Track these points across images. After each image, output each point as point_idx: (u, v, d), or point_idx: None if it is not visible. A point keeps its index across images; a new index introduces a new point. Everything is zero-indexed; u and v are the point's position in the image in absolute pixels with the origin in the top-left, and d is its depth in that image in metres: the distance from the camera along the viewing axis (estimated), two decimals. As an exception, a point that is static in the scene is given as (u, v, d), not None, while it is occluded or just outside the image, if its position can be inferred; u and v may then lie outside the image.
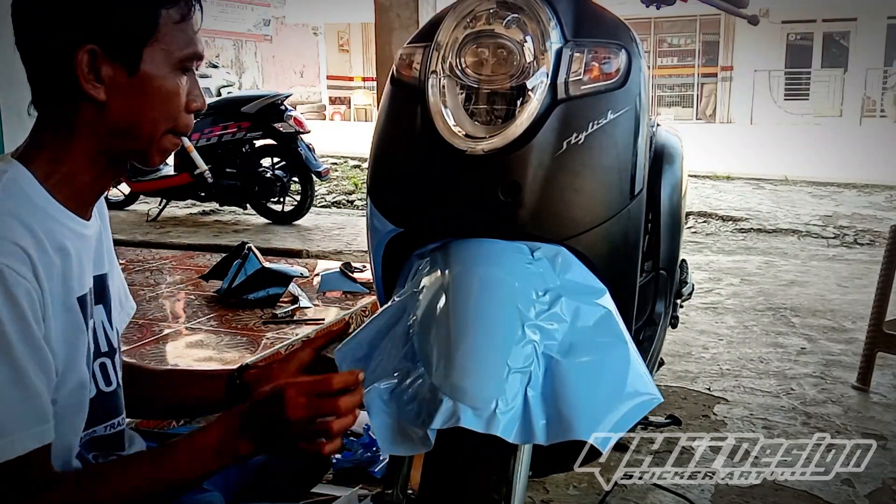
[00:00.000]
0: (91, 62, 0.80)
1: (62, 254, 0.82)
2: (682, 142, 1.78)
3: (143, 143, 0.86)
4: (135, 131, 0.84)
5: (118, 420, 0.96)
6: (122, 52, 0.81)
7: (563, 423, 0.77)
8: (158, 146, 0.87)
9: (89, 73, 0.81)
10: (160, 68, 0.83)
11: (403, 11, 3.83)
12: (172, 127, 0.86)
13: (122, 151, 0.86)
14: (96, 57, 0.81)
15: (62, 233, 0.83)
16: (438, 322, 0.87)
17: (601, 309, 0.90)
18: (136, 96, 0.83)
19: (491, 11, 1.00)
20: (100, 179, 0.87)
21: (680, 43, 18.26)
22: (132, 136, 0.85)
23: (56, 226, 0.82)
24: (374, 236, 1.14)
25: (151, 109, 0.84)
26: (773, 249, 5.08)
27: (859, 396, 2.46)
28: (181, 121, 0.87)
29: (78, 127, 0.83)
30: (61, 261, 0.82)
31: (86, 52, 0.80)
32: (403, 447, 0.80)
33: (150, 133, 0.85)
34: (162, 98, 0.84)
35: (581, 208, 1.01)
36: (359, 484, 1.82)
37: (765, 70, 16.56)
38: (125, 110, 0.83)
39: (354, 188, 7.38)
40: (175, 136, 0.88)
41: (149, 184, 5.42)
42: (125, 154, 0.87)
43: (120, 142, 0.85)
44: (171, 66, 0.84)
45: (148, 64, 0.82)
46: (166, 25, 0.83)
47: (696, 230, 5.68)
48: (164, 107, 0.85)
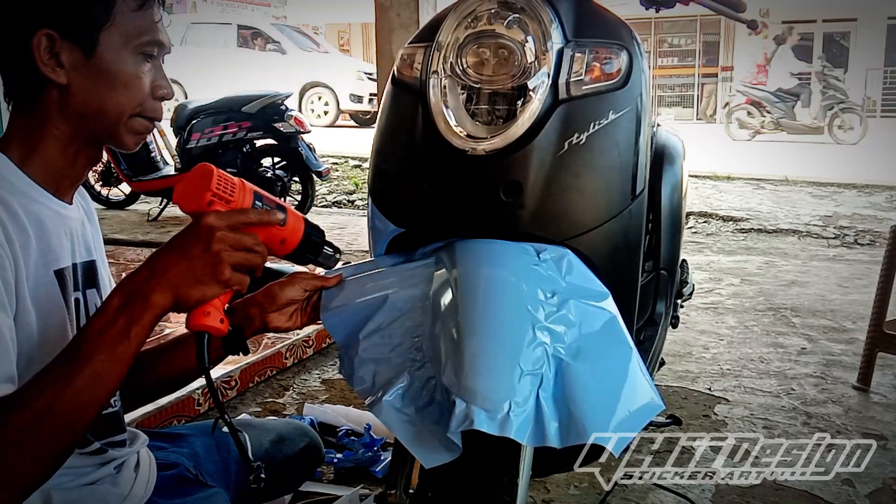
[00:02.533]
0: (49, 46, 0.83)
1: (38, 227, 0.84)
2: (682, 142, 1.78)
3: (110, 125, 0.87)
4: (100, 114, 0.86)
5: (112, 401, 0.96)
6: (78, 36, 0.83)
7: (575, 426, 0.77)
8: (128, 127, 0.88)
9: (49, 58, 0.83)
10: (118, 52, 0.85)
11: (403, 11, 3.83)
12: (140, 111, 0.88)
13: (92, 133, 0.88)
14: (54, 41, 0.83)
15: (38, 209, 0.85)
16: (446, 322, 0.86)
17: (606, 313, 0.90)
18: (96, 79, 0.85)
19: (492, 12, 1.00)
20: (76, 162, 0.89)
21: (680, 43, 18.25)
22: (98, 119, 0.86)
23: (32, 203, 0.84)
24: (376, 236, 1.14)
25: (113, 92, 0.86)
26: (773, 250, 5.08)
27: (859, 396, 2.46)
28: (147, 105, 0.89)
29: (47, 112, 0.85)
30: (36, 233, 0.84)
31: (42, 35, 0.82)
32: (440, 455, 0.78)
33: (117, 115, 0.87)
34: (122, 81, 0.86)
35: (582, 209, 1.01)
36: (360, 484, 1.82)
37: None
38: (87, 93, 0.85)
39: (355, 188, 7.38)
40: (145, 119, 0.89)
41: (149, 183, 5.42)
42: (96, 136, 0.89)
43: (88, 124, 0.87)
44: (130, 50, 0.86)
45: (105, 47, 0.85)
46: (122, 12, 0.85)
47: (696, 230, 5.68)
48: (126, 90, 0.86)
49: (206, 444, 1.16)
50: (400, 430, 0.80)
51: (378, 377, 0.86)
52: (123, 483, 0.96)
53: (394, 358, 0.88)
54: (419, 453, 0.78)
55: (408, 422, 0.80)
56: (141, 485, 0.99)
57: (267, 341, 2.60)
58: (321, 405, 2.27)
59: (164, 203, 5.61)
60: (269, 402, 2.38)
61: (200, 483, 1.06)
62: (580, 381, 0.80)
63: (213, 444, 1.16)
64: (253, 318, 0.98)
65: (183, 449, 1.13)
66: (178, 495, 1.02)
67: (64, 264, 0.88)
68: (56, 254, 0.87)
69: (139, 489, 0.98)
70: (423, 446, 0.79)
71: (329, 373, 2.63)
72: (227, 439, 1.18)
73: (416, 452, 0.79)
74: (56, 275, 0.87)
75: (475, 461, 0.87)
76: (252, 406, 2.35)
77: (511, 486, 0.87)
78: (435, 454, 0.78)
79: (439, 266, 0.96)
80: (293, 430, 1.30)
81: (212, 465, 1.14)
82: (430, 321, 0.88)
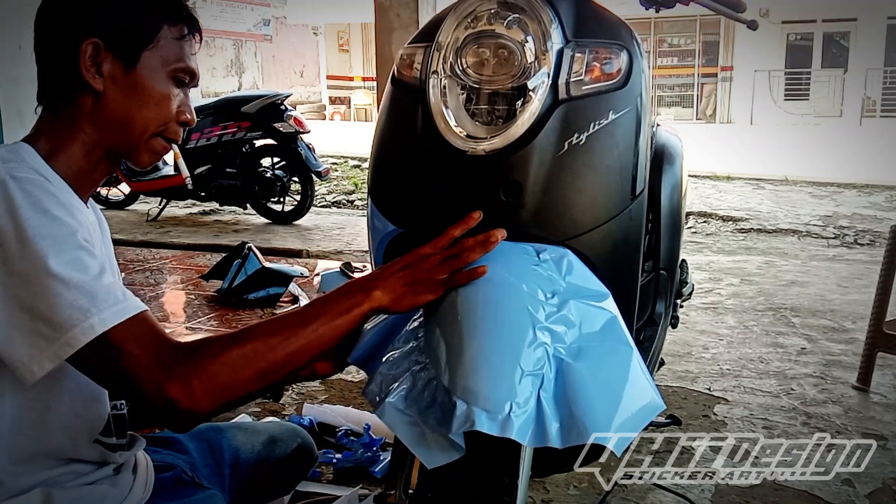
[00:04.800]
0: (94, 54, 0.89)
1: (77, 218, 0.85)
2: (682, 142, 1.78)
3: (134, 139, 0.93)
4: (127, 126, 0.92)
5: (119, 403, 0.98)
6: (123, 50, 0.90)
7: (576, 427, 0.77)
8: (148, 145, 0.94)
9: (91, 65, 0.89)
10: (155, 72, 0.92)
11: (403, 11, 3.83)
12: (163, 131, 0.94)
13: (114, 144, 0.92)
14: (99, 50, 0.89)
15: (72, 201, 0.87)
16: (446, 322, 0.86)
17: (607, 314, 0.90)
18: (130, 93, 0.91)
19: (492, 12, 1.00)
20: (95, 169, 0.93)
21: (680, 43, 18.26)
22: (125, 131, 0.92)
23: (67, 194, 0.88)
24: (375, 236, 1.14)
25: (143, 107, 0.92)
26: (773, 249, 5.08)
27: (859, 396, 2.46)
28: (171, 127, 0.95)
29: (78, 115, 0.91)
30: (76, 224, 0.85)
31: (90, 43, 0.89)
32: (443, 455, 0.78)
33: (142, 130, 0.92)
34: (154, 99, 0.92)
35: (582, 209, 1.01)
36: (359, 484, 1.82)
37: (765, 70, 16.56)
38: (120, 104, 0.91)
39: (354, 188, 7.38)
40: (165, 140, 0.96)
41: (149, 183, 5.43)
42: (118, 147, 0.93)
43: (114, 135, 0.92)
44: (165, 73, 0.93)
45: (144, 66, 0.91)
46: (165, 38, 0.92)
47: (696, 230, 5.69)
48: (156, 108, 0.92)
49: (200, 448, 1.16)
50: (403, 431, 0.80)
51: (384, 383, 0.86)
52: (122, 484, 0.96)
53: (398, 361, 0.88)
54: (422, 454, 0.78)
55: (410, 423, 0.80)
56: (139, 486, 0.99)
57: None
58: (320, 405, 2.27)
59: (163, 203, 5.61)
60: (268, 403, 2.38)
61: (197, 485, 1.07)
62: (581, 382, 0.80)
63: (206, 447, 1.17)
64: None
65: (178, 453, 1.13)
66: (176, 497, 1.02)
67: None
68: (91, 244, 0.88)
69: (138, 490, 0.99)
70: (426, 447, 0.78)
71: (329, 373, 2.62)
72: (220, 443, 1.19)
73: (419, 454, 0.79)
74: None
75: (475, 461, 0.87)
76: (252, 406, 2.34)
77: (511, 486, 0.87)
78: (437, 455, 0.78)
79: None
80: (285, 431, 1.30)
81: (206, 469, 1.14)
82: (431, 322, 0.88)
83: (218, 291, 3.00)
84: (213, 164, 5.34)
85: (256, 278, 2.97)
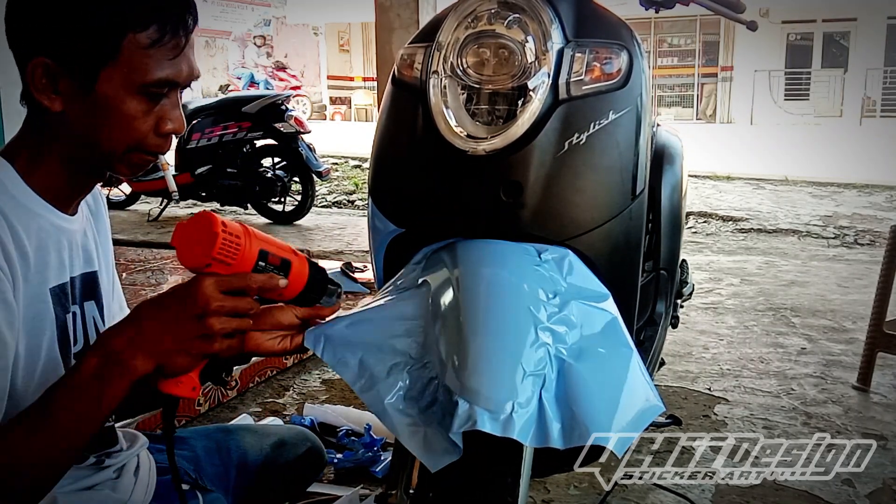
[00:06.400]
0: (45, 74, 0.79)
1: (38, 243, 0.83)
2: (682, 142, 1.78)
3: (104, 157, 0.84)
4: (96, 145, 0.83)
5: None
6: (75, 70, 0.79)
7: (578, 427, 0.77)
8: (125, 160, 0.84)
9: (46, 85, 0.79)
10: (117, 91, 0.80)
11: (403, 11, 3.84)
12: (137, 147, 0.83)
13: (90, 160, 0.85)
14: (50, 70, 0.79)
15: (39, 225, 0.84)
16: (448, 323, 0.86)
17: (607, 315, 0.90)
18: (91, 114, 0.81)
19: (492, 12, 1.00)
20: (77, 180, 0.87)
21: (680, 43, 18.25)
22: (94, 149, 0.83)
23: (33, 218, 0.83)
24: (376, 236, 1.13)
25: (107, 128, 0.81)
26: (773, 249, 5.08)
27: (859, 396, 2.46)
28: (148, 141, 0.84)
29: (48, 131, 0.83)
30: (35, 250, 0.83)
31: (39, 64, 0.79)
32: (443, 456, 0.77)
33: (109, 150, 0.83)
34: (118, 120, 0.81)
35: (583, 209, 1.01)
36: (360, 484, 1.82)
37: (765, 70, 16.55)
38: (82, 124, 0.81)
39: (355, 188, 7.38)
40: (145, 153, 0.85)
41: (150, 184, 5.42)
42: (93, 163, 0.85)
43: (85, 151, 0.84)
44: (131, 90, 0.80)
45: (104, 85, 0.79)
46: (130, 49, 0.79)
47: (696, 230, 5.69)
48: (121, 128, 0.81)
49: (207, 448, 1.15)
50: (404, 433, 0.80)
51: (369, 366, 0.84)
52: (123, 488, 0.96)
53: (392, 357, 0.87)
54: (424, 457, 0.78)
55: (411, 424, 0.80)
56: (141, 490, 0.99)
57: (267, 341, 2.60)
58: (321, 405, 2.27)
59: (164, 203, 5.61)
60: (269, 403, 2.38)
61: (200, 488, 1.06)
62: (582, 382, 0.80)
63: (213, 447, 1.16)
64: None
65: (183, 452, 1.12)
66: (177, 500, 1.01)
67: (61, 280, 0.87)
68: (54, 271, 0.86)
69: (139, 494, 0.98)
70: (427, 450, 0.78)
71: (329, 373, 2.63)
72: (227, 443, 1.17)
73: (421, 456, 0.78)
74: (51, 292, 0.85)
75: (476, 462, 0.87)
76: (252, 406, 2.34)
77: (514, 486, 0.87)
78: (439, 457, 0.78)
79: (439, 267, 0.96)
80: (294, 434, 1.28)
81: (211, 469, 1.13)
82: (432, 321, 0.88)
83: (218, 291, 3.01)
84: (213, 165, 5.34)
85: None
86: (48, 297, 0.85)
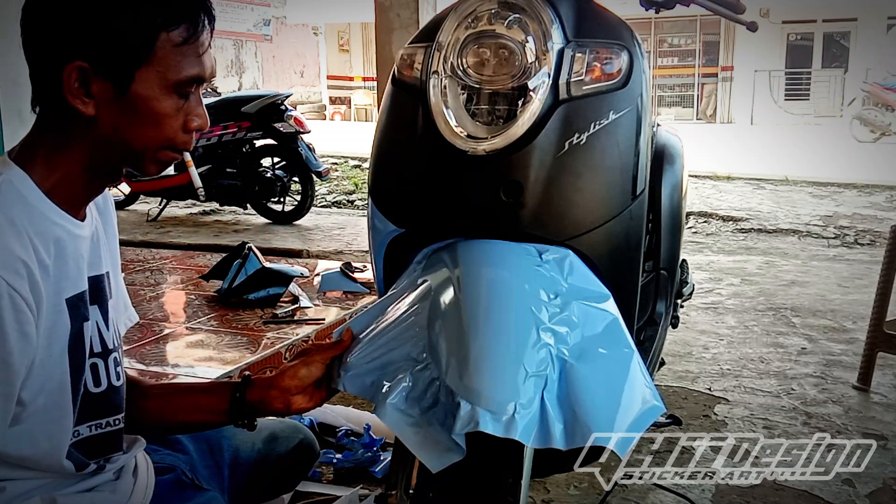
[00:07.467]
0: (80, 78, 0.80)
1: (58, 254, 0.83)
2: (682, 142, 1.78)
3: (135, 157, 0.86)
4: (125, 147, 0.84)
5: (107, 420, 0.94)
6: (112, 72, 0.81)
7: (580, 428, 0.77)
8: (153, 159, 0.87)
9: (78, 89, 0.80)
10: (152, 90, 0.82)
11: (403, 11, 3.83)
12: (167, 144, 0.86)
13: (115, 161, 0.86)
14: (86, 73, 0.80)
15: (57, 235, 0.83)
16: (449, 323, 0.86)
17: (608, 315, 0.90)
18: (125, 115, 0.82)
19: (492, 12, 1.00)
20: (94, 183, 0.88)
21: (680, 43, 18.25)
22: (124, 150, 0.85)
23: (52, 227, 0.83)
24: (376, 236, 1.13)
25: (141, 128, 0.83)
26: (773, 249, 5.08)
27: (860, 396, 2.46)
28: (178, 139, 0.86)
29: (72, 135, 0.83)
30: (55, 262, 0.82)
31: (75, 68, 0.80)
32: (445, 457, 0.78)
33: (142, 149, 0.85)
34: (152, 119, 0.83)
35: (583, 209, 1.01)
36: (359, 484, 1.82)
37: (765, 70, 16.56)
38: (115, 126, 0.83)
39: (355, 188, 7.38)
40: (174, 151, 0.87)
41: (149, 184, 5.42)
42: (119, 164, 0.87)
43: (113, 153, 0.85)
44: (166, 88, 0.83)
45: (140, 85, 0.82)
46: (164, 48, 0.81)
47: (696, 230, 5.68)
48: (155, 127, 0.84)
49: (200, 449, 1.15)
50: (405, 433, 0.80)
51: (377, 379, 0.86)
52: (122, 490, 0.96)
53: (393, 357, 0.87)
54: (425, 457, 0.78)
55: (412, 424, 0.80)
56: (140, 491, 0.99)
57: (266, 341, 2.60)
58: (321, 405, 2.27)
59: (163, 203, 5.61)
60: (269, 403, 2.37)
61: (197, 487, 1.06)
62: (583, 383, 0.80)
63: (206, 448, 1.16)
64: (273, 401, 1.01)
65: (178, 453, 1.12)
66: (176, 500, 1.01)
67: (78, 290, 0.87)
68: (71, 280, 0.85)
69: (138, 495, 0.98)
70: (428, 450, 0.78)
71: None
72: (220, 443, 1.18)
73: (422, 457, 0.78)
74: (67, 303, 0.85)
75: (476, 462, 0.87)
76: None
77: (515, 487, 0.87)
78: (440, 457, 0.77)
79: (440, 267, 0.96)
80: (286, 427, 1.29)
81: (205, 470, 1.13)
82: (433, 322, 0.88)
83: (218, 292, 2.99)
84: (213, 164, 5.34)
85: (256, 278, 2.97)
86: (64, 307, 0.84)
